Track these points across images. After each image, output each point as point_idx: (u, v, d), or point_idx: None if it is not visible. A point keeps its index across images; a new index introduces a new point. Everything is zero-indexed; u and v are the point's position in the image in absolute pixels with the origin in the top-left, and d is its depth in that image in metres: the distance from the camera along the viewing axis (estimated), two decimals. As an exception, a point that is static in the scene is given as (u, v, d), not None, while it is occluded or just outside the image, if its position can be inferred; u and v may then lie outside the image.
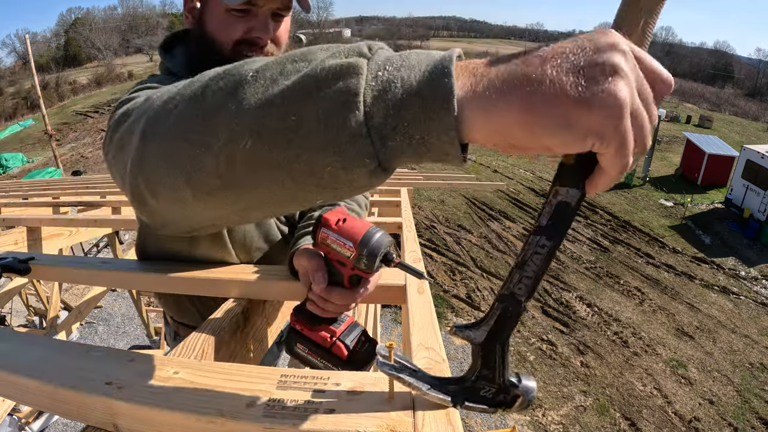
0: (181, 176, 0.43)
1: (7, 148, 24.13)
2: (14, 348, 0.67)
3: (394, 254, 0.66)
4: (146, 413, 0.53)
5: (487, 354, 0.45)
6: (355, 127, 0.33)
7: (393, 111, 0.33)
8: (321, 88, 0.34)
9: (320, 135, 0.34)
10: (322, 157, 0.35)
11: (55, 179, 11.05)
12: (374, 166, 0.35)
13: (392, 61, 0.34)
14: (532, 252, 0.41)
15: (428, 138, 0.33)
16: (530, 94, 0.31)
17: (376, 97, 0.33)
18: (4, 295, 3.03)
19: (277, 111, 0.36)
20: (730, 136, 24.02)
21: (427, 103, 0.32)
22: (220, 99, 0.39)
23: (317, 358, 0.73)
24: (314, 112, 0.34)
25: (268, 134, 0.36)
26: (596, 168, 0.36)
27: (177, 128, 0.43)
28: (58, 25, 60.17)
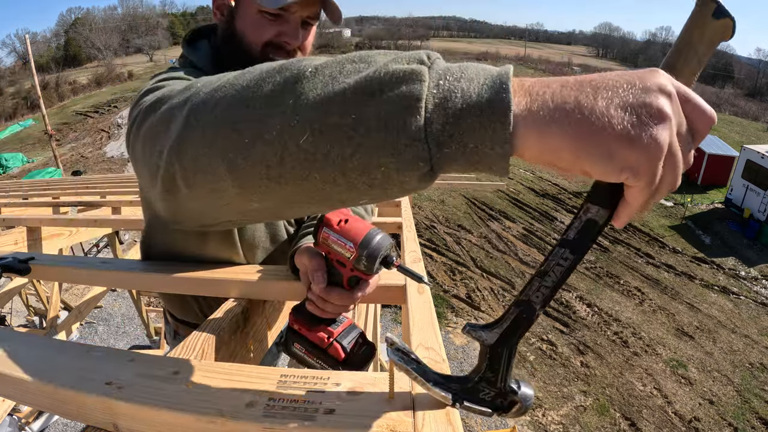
0: (223, 164, 0.43)
1: (7, 148, 24.13)
2: (14, 348, 0.67)
3: (394, 257, 0.66)
4: (146, 413, 0.53)
5: (494, 357, 0.46)
6: (414, 131, 0.34)
7: (452, 119, 0.34)
8: (384, 91, 0.35)
9: (380, 135, 0.35)
10: (378, 156, 0.36)
11: (55, 179, 11.06)
12: (427, 170, 0.36)
13: (452, 71, 0.36)
14: (555, 263, 0.42)
15: (481, 148, 0.35)
16: (580, 122, 0.33)
17: (437, 105, 0.35)
18: (4, 295, 3.03)
19: (338, 108, 0.37)
20: (730, 136, 24.01)
21: (486, 115, 0.34)
22: (278, 92, 0.40)
23: (314, 359, 0.73)
24: (376, 113, 0.35)
25: (327, 130, 0.37)
26: (621, 199, 0.38)
27: (226, 117, 0.43)
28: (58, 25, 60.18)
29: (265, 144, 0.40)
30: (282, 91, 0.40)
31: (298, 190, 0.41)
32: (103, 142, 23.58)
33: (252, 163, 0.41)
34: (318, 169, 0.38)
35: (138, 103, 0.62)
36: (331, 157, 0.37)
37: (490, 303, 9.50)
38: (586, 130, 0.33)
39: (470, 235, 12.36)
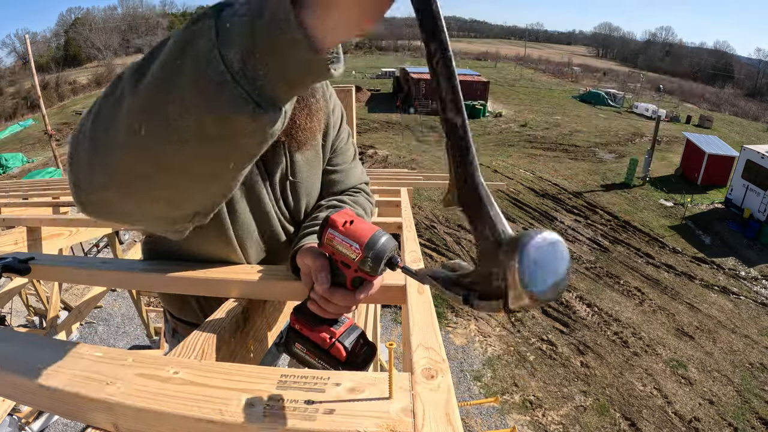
0: (109, 183, 0.48)
1: (7, 148, 24.14)
2: (14, 348, 0.67)
3: (398, 258, 0.66)
4: (146, 413, 0.53)
5: (468, 205, 0.38)
6: (219, 76, 0.36)
7: (246, 50, 0.35)
8: (185, 55, 0.37)
9: (193, 94, 0.37)
10: (202, 115, 0.38)
11: (55, 179, 11.05)
12: (252, 107, 0.37)
13: (235, 9, 0.36)
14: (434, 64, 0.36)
15: (287, 60, 0.35)
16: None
17: (229, 45, 0.35)
18: (4, 295, 3.03)
19: (154, 91, 0.39)
20: (730, 136, 24.03)
21: (272, 28, 0.34)
22: (111, 104, 0.44)
23: (315, 359, 0.73)
24: (184, 78, 0.37)
25: (153, 109, 0.40)
26: None
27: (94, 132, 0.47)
28: (58, 25, 60.20)
29: (122, 149, 0.44)
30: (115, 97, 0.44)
31: (171, 178, 0.45)
32: (103, 142, 23.55)
33: (122, 170, 0.46)
34: (168, 151, 0.41)
35: None
36: (167, 136, 0.40)
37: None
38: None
39: (470, 235, 12.32)
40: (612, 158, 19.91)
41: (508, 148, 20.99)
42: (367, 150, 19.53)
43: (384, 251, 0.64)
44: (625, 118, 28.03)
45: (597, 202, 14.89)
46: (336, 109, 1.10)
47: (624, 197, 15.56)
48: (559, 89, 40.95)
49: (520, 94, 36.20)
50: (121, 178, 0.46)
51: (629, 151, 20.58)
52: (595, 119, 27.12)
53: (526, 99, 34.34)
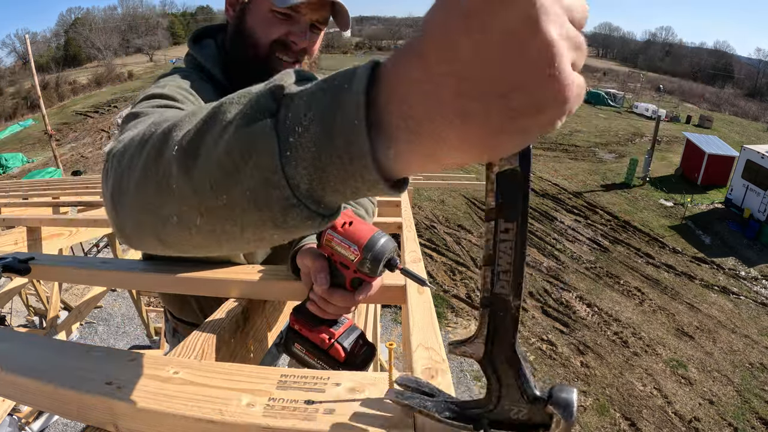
0: (153, 239, 0.45)
1: (7, 148, 24.14)
2: (14, 348, 0.67)
3: (397, 259, 0.66)
4: (146, 413, 0.53)
5: (497, 369, 0.40)
6: (283, 200, 0.32)
7: (316, 176, 0.31)
8: (239, 168, 0.33)
9: (254, 213, 0.34)
10: (262, 229, 0.35)
11: (55, 179, 11.05)
12: (319, 221, 0.34)
13: (299, 117, 0.31)
14: (496, 241, 0.34)
15: (360, 191, 0.32)
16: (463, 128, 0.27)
17: (294, 167, 0.31)
18: (4, 295, 3.02)
19: (210, 193, 0.35)
20: (730, 136, 24.03)
21: (345, 163, 0.30)
22: (162, 177, 0.39)
23: (314, 359, 0.73)
24: (242, 192, 0.33)
25: (211, 211, 0.36)
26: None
27: (137, 199, 0.43)
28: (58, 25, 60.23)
29: (174, 226, 0.40)
30: (166, 175, 0.39)
31: (219, 250, 0.42)
32: (103, 142, 23.57)
33: (173, 239, 0.42)
34: (223, 240, 0.39)
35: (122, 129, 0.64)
36: (228, 231, 0.37)
37: (490, 303, 9.49)
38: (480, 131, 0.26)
39: (470, 235, 12.36)
40: (612, 158, 19.90)
41: (508, 148, 20.93)
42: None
43: (383, 253, 0.64)
44: (625, 118, 28.03)
45: (597, 202, 14.88)
46: None
47: (624, 197, 15.55)
48: (559, 89, 40.74)
49: (520, 94, 36.06)
50: (172, 243, 0.44)
51: (629, 151, 20.57)
52: (595, 119, 27.12)
53: (526, 99, 34.21)
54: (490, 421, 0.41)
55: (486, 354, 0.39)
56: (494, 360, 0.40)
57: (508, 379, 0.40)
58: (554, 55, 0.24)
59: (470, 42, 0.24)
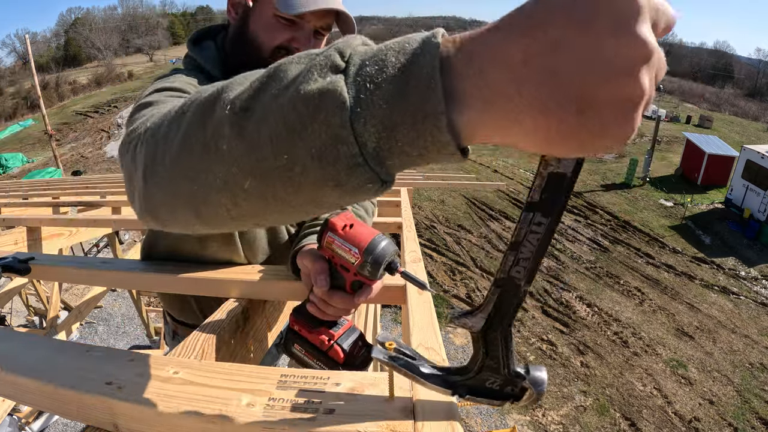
0: (189, 212, 0.43)
1: (7, 148, 24.14)
2: (14, 348, 0.67)
3: (398, 263, 0.66)
4: (146, 413, 0.53)
5: (489, 343, 0.43)
6: (350, 158, 0.32)
7: (385, 134, 0.31)
8: (306, 124, 0.32)
9: (317, 171, 0.33)
10: (323, 190, 0.34)
11: (55, 179, 11.05)
12: (378, 185, 0.34)
13: (369, 74, 0.31)
14: (527, 231, 0.37)
15: (427, 152, 0.32)
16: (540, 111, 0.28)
17: (363, 125, 0.31)
18: (4, 295, 3.02)
19: (268, 151, 0.34)
20: (730, 136, 24.02)
21: (418, 121, 0.30)
22: (209, 139, 0.38)
23: (314, 360, 0.73)
24: (306, 150, 0.33)
25: (265, 173, 0.35)
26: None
27: (175, 168, 0.42)
28: (58, 25, 60.25)
29: (218, 191, 0.39)
30: (215, 136, 0.37)
31: (263, 219, 0.41)
32: (103, 142, 23.58)
33: (213, 208, 0.40)
34: (272, 206, 0.38)
35: (130, 119, 0.61)
36: (279, 195, 0.36)
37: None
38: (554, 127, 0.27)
39: (470, 235, 12.36)
40: (612, 158, 19.90)
41: (507, 148, 20.98)
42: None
43: (383, 256, 0.64)
44: (625, 118, 27.94)
45: (597, 202, 14.88)
46: None
47: (624, 197, 15.55)
48: (559, 89, 40.79)
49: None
50: (209, 215, 0.42)
51: (629, 151, 20.56)
52: (595, 119, 27.03)
53: (526, 99, 34.25)
54: (467, 387, 0.46)
55: (484, 328, 0.43)
56: (489, 334, 0.43)
57: (495, 352, 0.44)
58: (640, 104, 0.27)
59: (578, 52, 0.26)
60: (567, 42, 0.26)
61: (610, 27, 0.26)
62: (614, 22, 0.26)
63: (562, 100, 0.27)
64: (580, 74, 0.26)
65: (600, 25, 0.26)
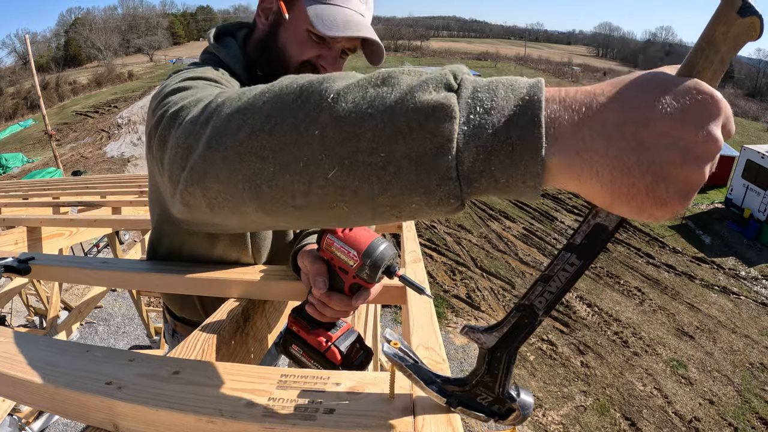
0: (247, 191, 0.41)
1: (7, 148, 24.15)
2: (14, 348, 0.67)
3: (397, 267, 0.66)
4: (146, 413, 0.53)
5: (493, 361, 0.45)
6: (446, 171, 0.33)
7: (482, 156, 0.33)
8: (413, 128, 0.34)
9: (411, 175, 0.34)
10: (409, 195, 0.35)
11: (55, 179, 11.05)
12: (458, 204, 0.35)
13: (481, 100, 0.34)
14: (560, 268, 0.40)
15: (512, 182, 0.34)
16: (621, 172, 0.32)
17: (467, 143, 0.33)
18: (4, 295, 3.02)
19: (366, 145, 0.35)
20: (730, 136, 24.02)
21: (516, 151, 0.32)
22: (302, 121, 0.38)
23: (311, 361, 0.73)
24: (406, 152, 0.34)
25: (356, 167, 0.35)
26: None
27: (250, 143, 0.41)
28: (58, 25, 60.26)
29: (292, 174, 0.38)
30: (307, 120, 0.38)
31: (322, 216, 0.41)
32: (103, 142, 23.58)
33: (278, 192, 0.40)
34: (346, 202, 0.37)
35: (162, 102, 0.59)
36: (361, 193, 0.36)
37: (490, 303, 9.50)
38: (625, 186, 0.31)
39: (470, 235, 12.36)
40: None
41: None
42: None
43: (382, 259, 0.64)
44: (625, 118, 27.96)
45: (597, 202, 14.89)
46: None
47: (624, 197, 15.56)
48: (559, 89, 40.82)
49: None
50: (269, 200, 0.41)
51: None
52: (595, 119, 27.07)
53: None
54: (459, 399, 0.48)
55: (495, 347, 0.44)
56: (496, 353, 0.45)
57: (496, 371, 0.45)
58: (697, 188, 0.32)
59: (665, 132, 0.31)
60: (658, 121, 0.31)
61: (698, 121, 0.30)
62: (701, 118, 0.30)
63: (642, 166, 0.31)
64: (664, 150, 0.30)
65: (689, 116, 0.31)
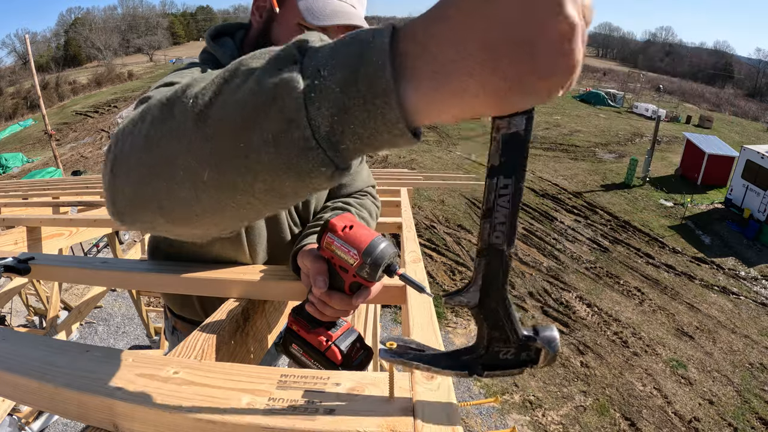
0: (153, 205, 0.43)
1: (7, 148, 24.14)
2: (14, 348, 0.67)
3: (397, 265, 0.66)
4: (146, 413, 0.53)
5: (489, 315, 0.43)
6: (304, 141, 0.33)
7: (338, 117, 0.33)
8: (262, 113, 0.34)
9: (271, 156, 0.34)
10: (279, 176, 0.35)
11: (55, 179, 11.04)
12: (332, 170, 0.35)
13: (325, 62, 0.33)
14: (496, 196, 0.38)
15: (377, 134, 0.33)
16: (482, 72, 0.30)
17: (317, 108, 0.33)
18: (4, 295, 3.02)
19: (226, 140, 0.36)
20: (730, 136, 24.03)
21: (368, 101, 0.32)
22: (173, 131, 0.39)
23: (311, 360, 0.73)
24: (262, 136, 0.34)
25: (223, 162, 0.36)
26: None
27: (139, 164, 0.42)
28: (58, 25, 60.27)
29: (179, 185, 0.39)
30: (174, 131, 0.39)
31: (223, 216, 0.41)
32: (103, 142, 23.57)
33: (176, 203, 0.41)
34: (233, 198, 0.38)
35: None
36: (240, 186, 0.37)
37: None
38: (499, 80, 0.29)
39: (470, 235, 12.35)
40: (612, 158, 19.90)
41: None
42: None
43: (382, 258, 0.64)
44: (625, 118, 28.02)
45: (597, 202, 14.88)
46: None
47: (624, 197, 15.55)
48: (559, 89, 40.77)
49: (520, 94, 36.03)
50: (173, 210, 0.43)
51: (629, 151, 20.57)
52: (595, 119, 27.11)
53: (526, 99, 34.18)
54: (482, 365, 0.45)
55: (480, 301, 0.43)
56: (487, 306, 0.43)
57: (498, 323, 0.43)
58: (573, 37, 0.29)
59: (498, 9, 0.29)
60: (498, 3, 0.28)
61: None
62: None
63: (503, 49, 0.29)
64: (515, 21, 0.28)
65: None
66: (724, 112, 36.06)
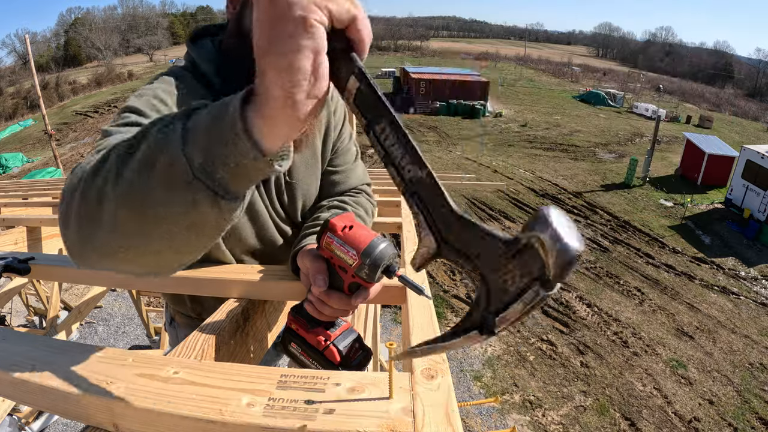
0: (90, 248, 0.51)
1: (7, 147, 24.15)
2: (14, 348, 0.67)
3: (396, 266, 0.66)
4: (146, 413, 0.53)
5: (462, 247, 0.38)
6: (183, 175, 0.41)
7: (205, 151, 0.40)
8: (156, 160, 0.42)
9: (164, 195, 0.42)
10: (173, 212, 0.43)
11: (55, 179, 11.04)
12: (212, 196, 0.41)
13: (198, 117, 0.42)
14: (381, 142, 0.40)
15: (242, 161, 0.40)
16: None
17: (192, 145, 0.41)
18: (4, 295, 3.02)
19: (136, 187, 0.44)
20: (730, 136, 24.03)
21: (227, 138, 0.39)
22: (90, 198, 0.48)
23: (310, 360, 0.73)
24: (157, 180, 0.42)
25: (131, 205, 0.45)
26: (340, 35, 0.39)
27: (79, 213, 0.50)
28: (58, 25, 60.27)
29: (107, 230, 0.47)
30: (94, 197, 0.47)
31: (144, 261, 0.50)
32: (103, 142, 23.54)
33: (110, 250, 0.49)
34: (151, 240, 0.46)
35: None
36: (147, 228, 0.45)
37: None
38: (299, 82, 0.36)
39: (470, 235, 12.36)
40: (612, 158, 19.91)
41: (508, 148, 20.99)
42: (368, 150, 19.54)
43: (381, 259, 0.64)
44: (625, 118, 28.03)
45: (597, 202, 14.88)
46: (338, 110, 1.10)
47: (624, 197, 15.55)
48: (559, 89, 40.94)
49: (520, 94, 36.18)
50: (106, 252, 0.50)
51: (629, 151, 20.58)
52: (595, 119, 27.12)
53: (526, 99, 34.33)
54: (495, 312, 0.37)
55: (438, 240, 0.39)
56: (449, 239, 0.38)
57: (476, 248, 0.37)
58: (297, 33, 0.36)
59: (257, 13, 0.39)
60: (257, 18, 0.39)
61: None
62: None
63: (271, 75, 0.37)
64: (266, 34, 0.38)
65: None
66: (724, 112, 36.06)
